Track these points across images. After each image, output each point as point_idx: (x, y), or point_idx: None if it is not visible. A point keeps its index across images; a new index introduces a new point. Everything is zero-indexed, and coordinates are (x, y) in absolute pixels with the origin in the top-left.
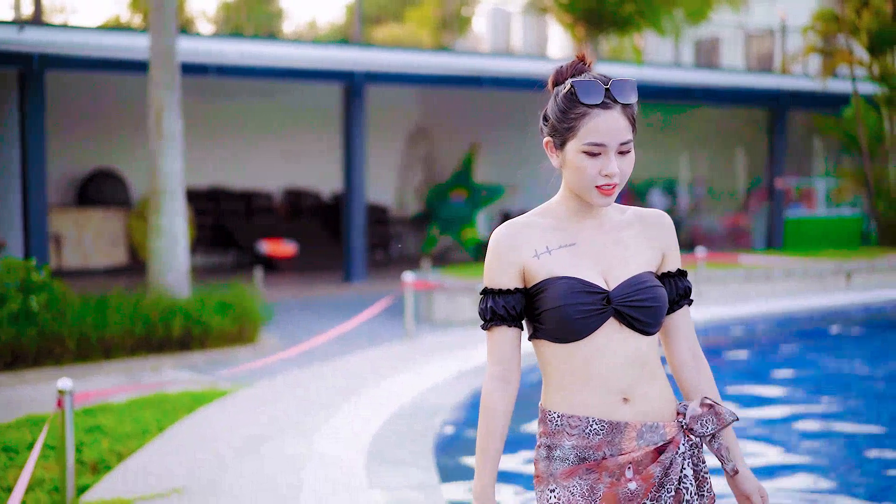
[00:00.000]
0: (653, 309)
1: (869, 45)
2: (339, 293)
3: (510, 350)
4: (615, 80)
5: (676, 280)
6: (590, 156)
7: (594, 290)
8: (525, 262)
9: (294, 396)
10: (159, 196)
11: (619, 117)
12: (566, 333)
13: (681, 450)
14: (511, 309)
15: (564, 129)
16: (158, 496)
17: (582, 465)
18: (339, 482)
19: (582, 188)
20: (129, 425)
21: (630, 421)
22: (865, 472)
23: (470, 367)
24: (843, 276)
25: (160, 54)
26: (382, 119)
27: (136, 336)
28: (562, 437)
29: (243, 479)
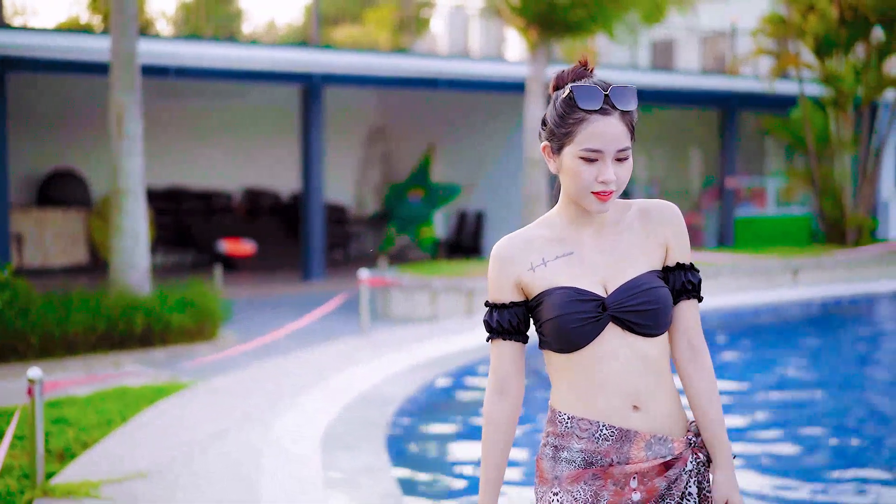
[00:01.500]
0: (651, 311)
1: (815, 48)
2: (298, 291)
3: (509, 363)
4: (615, 87)
5: (679, 273)
6: (587, 161)
7: (589, 298)
8: (521, 276)
9: (253, 388)
10: (120, 196)
11: (618, 124)
12: (566, 343)
13: (688, 467)
14: (507, 323)
15: (562, 133)
16: (123, 479)
17: (588, 471)
18: (296, 467)
19: (578, 194)
20: (93, 417)
21: (640, 430)
22: (808, 463)
23: (422, 361)
24: (789, 273)
25: (121, 57)
26: (340, 119)
27: (99, 333)
28: (571, 439)
29: (205, 464)
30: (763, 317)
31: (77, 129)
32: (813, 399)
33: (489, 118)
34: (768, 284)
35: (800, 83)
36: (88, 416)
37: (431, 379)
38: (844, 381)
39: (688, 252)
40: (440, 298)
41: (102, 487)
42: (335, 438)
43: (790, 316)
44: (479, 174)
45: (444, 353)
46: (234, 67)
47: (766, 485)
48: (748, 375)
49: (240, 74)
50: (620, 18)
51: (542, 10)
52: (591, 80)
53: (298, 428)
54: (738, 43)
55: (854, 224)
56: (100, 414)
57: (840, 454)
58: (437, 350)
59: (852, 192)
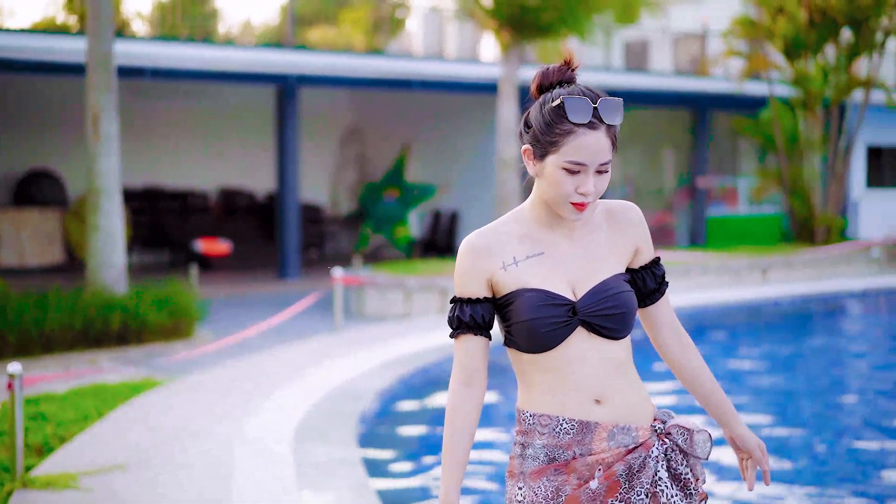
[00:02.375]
0: (619, 315)
1: (784, 49)
2: (274, 290)
3: (476, 358)
4: (603, 100)
5: (653, 270)
6: (569, 172)
7: (560, 303)
8: (493, 273)
9: (228, 385)
10: (97, 195)
11: (604, 138)
12: (535, 346)
13: (653, 453)
14: (479, 318)
15: (547, 141)
16: (102, 471)
17: (551, 466)
18: (269, 457)
19: (556, 202)
20: (70, 412)
21: (601, 421)
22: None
23: (394, 358)
24: (758, 272)
25: (97, 58)
26: (316, 120)
27: (75, 331)
28: (533, 435)
29: (181, 456)
30: (731, 314)
31: (53, 130)
32: (777, 395)
33: (464, 118)
34: (738, 283)
35: (769, 84)
36: (66, 412)
37: (404, 374)
38: (810, 378)
39: (651, 247)
40: (414, 297)
41: (81, 479)
42: (308, 432)
43: (758, 313)
44: (453, 174)
45: (417, 350)
46: (209, 68)
47: (733, 480)
48: (718, 373)
49: (215, 75)
50: (591, 20)
51: (513, 12)
52: (579, 87)
53: (272, 422)
54: (710, 44)
55: (823, 223)
56: (77, 410)
57: (806, 450)
58: (410, 347)
59: (821, 192)
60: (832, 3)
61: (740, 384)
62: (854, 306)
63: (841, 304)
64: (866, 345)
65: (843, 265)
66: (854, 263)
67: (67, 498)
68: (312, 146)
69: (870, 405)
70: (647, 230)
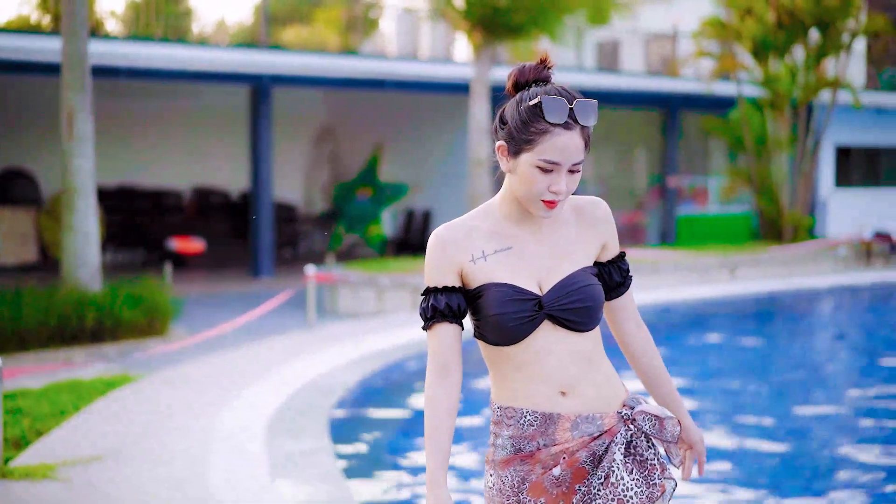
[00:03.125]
0: (585, 309)
1: (753, 50)
2: (247, 289)
3: (450, 347)
4: (579, 102)
5: (619, 264)
6: (542, 171)
7: (526, 297)
8: (463, 265)
9: (202, 379)
10: (71, 194)
11: (578, 138)
12: (503, 339)
13: (617, 439)
14: (454, 305)
15: (523, 139)
16: (79, 462)
17: (517, 456)
18: (242, 449)
19: (527, 199)
20: (46, 407)
21: (563, 413)
22: (738, 453)
23: (365, 353)
24: (726, 270)
25: (72, 58)
26: (289, 119)
27: (50, 328)
28: (501, 427)
29: (157, 449)
30: (698, 311)
31: (27, 129)
32: (741, 390)
33: (437, 118)
34: (706, 281)
35: (738, 85)
36: (42, 406)
37: (375, 369)
38: (773, 372)
39: (618, 244)
40: (386, 295)
41: (59, 470)
42: (280, 424)
43: (725, 310)
44: (426, 173)
45: (388, 346)
46: (183, 68)
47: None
48: (682, 368)
49: (189, 75)
50: (561, 21)
51: (485, 13)
52: (556, 87)
53: (245, 415)
54: (681, 45)
55: (791, 222)
56: (53, 405)
57: (770, 441)
58: (382, 343)
59: (789, 191)
60: (800, 5)
61: (702, 378)
62: (819, 303)
63: (806, 302)
64: (830, 340)
65: (810, 263)
66: (821, 262)
67: (45, 488)
68: (286, 145)
69: (832, 399)
70: (613, 226)
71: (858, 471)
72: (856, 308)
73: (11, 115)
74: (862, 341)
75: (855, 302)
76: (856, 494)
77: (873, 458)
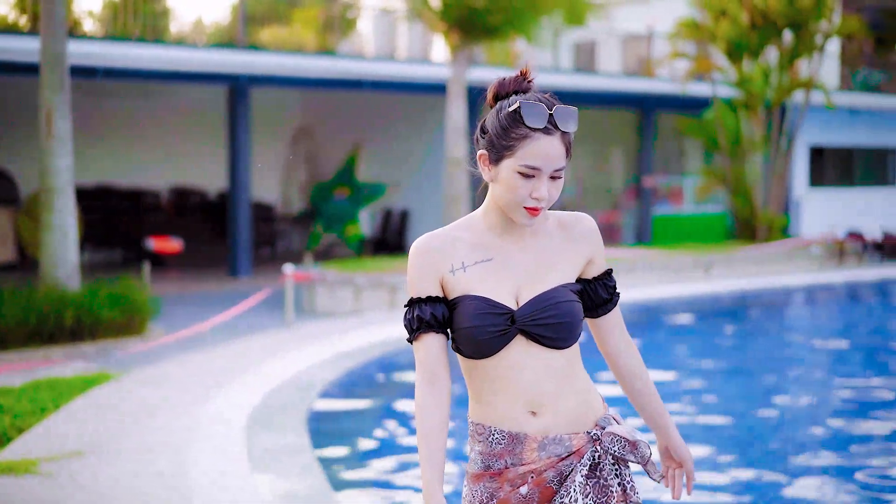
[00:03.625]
0: (560, 325)
1: (727, 51)
2: (226, 287)
3: (437, 357)
4: (559, 108)
5: (605, 281)
6: (523, 177)
7: (500, 311)
8: (443, 276)
9: (182, 376)
10: (50, 194)
11: (558, 144)
12: (476, 352)
13: (583, 460)
14: (439, 315)
15: (503, 146)
16: (61, 457)
17: (487, 473)
18: (223, 443)
19: (510, 206)
20: (27, 405)
21: (531, 433)
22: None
23: (343, 351)
24: (701, 269)
25: (50, 59)
26: (267, 119)
27: (29, 327)
28: (474, 442)
29: (137, 442)
30: (672, 309)
31: (5, 129)
32: (707, 386)
33: (414, 118)
34: (680, 279)
35: (712, 86)
36: (22, 404)
37: (352, 367)
38: (743, 369)
39: (604, 260)
40: (364, 294)
41: (41, 465)
42: (259, 420)
43: (699, 308)
44: (403, 173)
45: (365, 344)
46: (161, 68)
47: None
48: (655, 362)
49: (167, 75)
50: (537, 23)
51: (461, 14)
52: (535, 94)
53: (224, 411)
54: (657, 46)
55: (764, 221)
56: (34, 403)
57: (738, 437)
58: (359, 341)
59: (763, 191)
60: (773, 7)
61: (673, 373)
62: (791, 301)
63: (778, 299)
64: (799, 337)
65: (784, 262)
66: (795, 260)
67: (28, 482)
68: (264, 145)
69: (801, 392)
70: (600, 242)
71: (829, 461)
72: (827, 305)
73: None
74: (832, 337)
75: (826, 300)
76: (826, 484)
77: (841, 450)
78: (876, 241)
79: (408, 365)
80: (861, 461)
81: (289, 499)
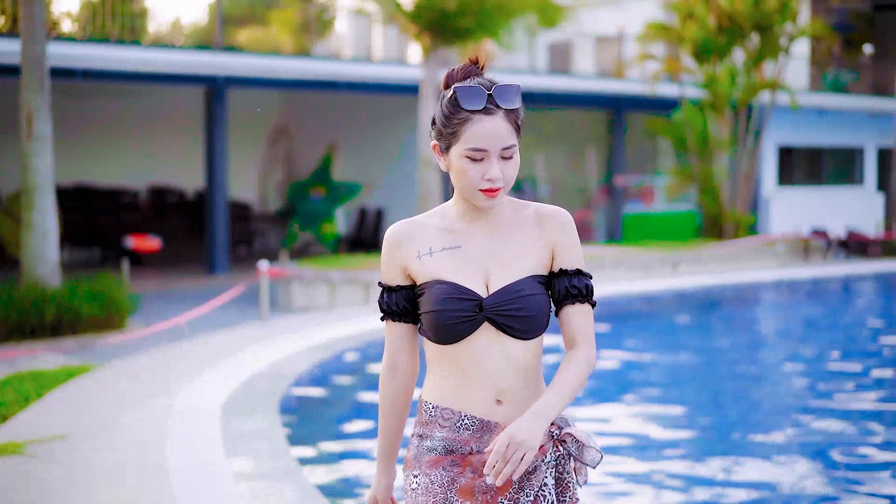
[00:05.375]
0: (526, 318)
1: (694, 53)
2: (203, 285)
3: (398, 343)
4: (498, 86)
5: (563, 279)
6: (472, 160)
7: (467, 297)
8: (408, 263)
9: (160, 367)
10: (31, 193)
11: (502, 123)
12: (441, 337)
13: (547, 458)
14: (395, 305)
15: (448, 133)
16: (45, 440)
17: (448, 457)
18: (198, 428)
19: (467, 191)
20: (10, 395)
21: (500, 422)
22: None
23: (315, 344)
24: (669, 266)
25: (31, 60)
26: (244, 118)
27: (11, 323)
28: (434, 427)
29: (117, 427)
30: (639, 304)
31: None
32: (664, 377)
33: (389, 119)
34: (648, 276)
35: (680, 86)
36: (7, 394)
37: (324, 358)
38: (706, 362)
39: (577, 259)
40: (338, 290)
41: (27, 447)
42: (234, 406)
43: (665, 304)
44: (378, 172)
45: (337, 337)
46: (139, 70)
47: (630, 461)
48: (626, 355)
49: (145, 76)
50: (507, 26)
51: (433, 17)
52: (477, 79)
53: (200, 399)
54: (629, 48)
55: (731, 220)
56: (18, 392)
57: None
58: (332, 334)
59: (730, 190)
60: (739, 10)
61: (640, 367)
62: (754, 296)
63: (741, 295)
64: (762, 329)
65: (750, 259)
66: (761, 258)
67: (14, 461)
68: (241, 145)
69: (762, 384)
70: (573, 238)
71: (788, 448)
72: (789, 300)
73: None
74: (792, 330)
75: (789, 294)
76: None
77: (807, 441)
78: (840, 239)
79: (381, 356)
80: (820, 447)
81: (260, 478)
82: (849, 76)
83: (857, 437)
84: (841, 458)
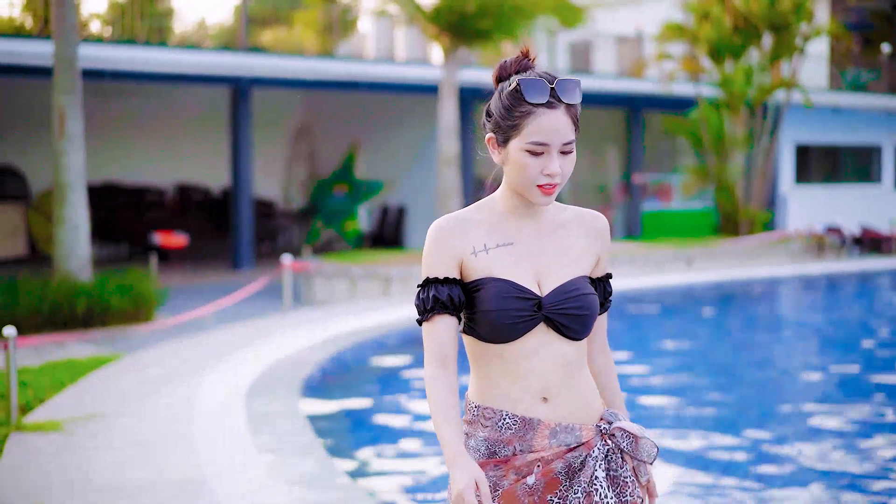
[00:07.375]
0: (583, 317)
1: (710, 53)
2: (228, 280)
3: (450, 340)
4: (560, 80)
5: (605, 285)
6: (532, 154)
7: (526, 296)
8: (463, 257)
9: (186, 355)
10: (63, 189)
11: (563, 117)
12: (496, 337)
13: (594, 453)
14: (455, 297)
15: (508, 126)
16: (81, 419)
17: (491, 461)
18: (224, 408)
19: (523, 186)
20: (46, 381)
21: (544, 419)
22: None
23: (335, 335)
24: (683, 262)
25: (63, 62)
26: (268, 118)
27: (44, 315)
28: (477, 427)
29: (149, 408)
30: (653, 298)
31: (16, 128)
32: (675, 367)
33: (410, 118)
34: (664, 271)
35: (696, 86)
36: (43, 381)
37: (344, 347)
38: (711, 352)
39: (609, 264)
40: (359, 284)
41: (65, 425)
42: (258, 389)
43: (678, 298)
44: (400, 170)
45: (359, 327)
46: (166, 71)
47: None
48: (635, 349)
49: (172, 77)
50: (525, 27)
51: (453, 19)
52: (536, 72)
53: (225, 383)
54: (648, 47)
55: (746, 217)
56: (53, 379)
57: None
58: (351, 326)
59: (745, 188)
60: (754, 10)
61: (646, 359)
62: (766, 291)
63: (754, 289)
64: (773, 323)
65: (764, 256)
66: (775, 254)
67: (54, 438)
68: (265, 143)
69: (773, 374)
70: (609, 243)
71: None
72: (802, 295)
73: (2, 115)
74: (802, 323)
75: (802, 289)
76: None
77: (812, 431)
78: (854, 236)
79: (397, 347)
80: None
81: (281, 452)
82: (868, 75)
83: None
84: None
